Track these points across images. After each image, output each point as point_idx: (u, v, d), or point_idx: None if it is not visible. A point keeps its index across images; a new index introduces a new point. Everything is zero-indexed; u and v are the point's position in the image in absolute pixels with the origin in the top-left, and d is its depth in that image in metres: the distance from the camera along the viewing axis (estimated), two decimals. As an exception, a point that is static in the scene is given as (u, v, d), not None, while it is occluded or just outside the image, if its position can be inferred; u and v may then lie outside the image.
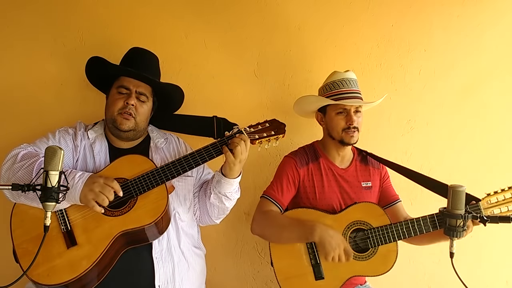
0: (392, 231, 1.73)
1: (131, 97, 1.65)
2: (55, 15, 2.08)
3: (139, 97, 1.68)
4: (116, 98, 1.67)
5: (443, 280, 2.22)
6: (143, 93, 1.69)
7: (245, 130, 1.64)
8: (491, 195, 1.65)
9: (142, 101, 1.69)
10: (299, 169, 1.86)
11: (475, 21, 2.23)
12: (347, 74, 1.87)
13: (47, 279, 1.41)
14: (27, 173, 1.43)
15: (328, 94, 1.86)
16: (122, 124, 1.64)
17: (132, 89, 1.67)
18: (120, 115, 1.65)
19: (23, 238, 1.47)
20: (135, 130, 1.68)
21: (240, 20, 2.17)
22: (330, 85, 1.87)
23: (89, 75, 1.80)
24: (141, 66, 1.70)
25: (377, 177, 1.95)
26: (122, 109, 1.65)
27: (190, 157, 1.60)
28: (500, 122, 2.26)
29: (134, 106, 1.65)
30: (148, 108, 1.73)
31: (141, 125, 1.70)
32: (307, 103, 1.93)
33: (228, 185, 1.66)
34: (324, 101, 1.86)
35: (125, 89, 1.67)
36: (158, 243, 1.61)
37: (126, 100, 1.65)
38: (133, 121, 1.66)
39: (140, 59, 1.75)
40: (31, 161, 1.46)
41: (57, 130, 1.69)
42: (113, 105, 1.66)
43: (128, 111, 1.64)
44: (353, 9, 2.21)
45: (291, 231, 1.72)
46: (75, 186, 1.44)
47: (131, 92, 1.67)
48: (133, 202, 1.54)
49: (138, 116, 1.67)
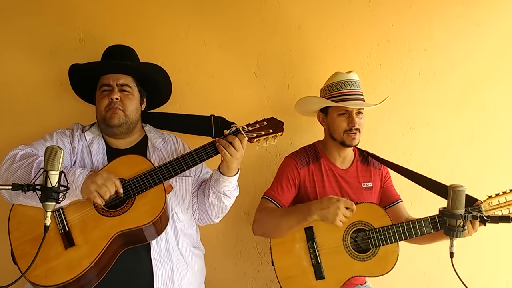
0: (393, 232, 1.73)
1: (113, 92, 1.64)
2: (55, 15, 2.08)
3: (122, 89, 1.67)
4: (100, 98, 1.67)
5: (443, 280, 2.21)
6: (125, 84, 1.68)
7: (243, 128, 1.63)
8: (492, 197, 1.64)
9: (127, 91, 1.68)
10: (300, 169, 1.86)
11: (475, 21, 2.23)
12: (349, 75, 1.86)
13: (45, 280, 1.41)
14: (26, 172, 1.43)
15: (330, 95, 1.86)
16: (111, 119, 1.64)
17: (113, 83, 1.66)
18: (108, 112, 1.64)
19: (21, 239, 1.47)
20: (127, 123, 1.67)
21: (240, 20, 2.17)
22: (332, 86, 1.86)
23: (77, 91, 1.83)
24: (114, 58, 1.70)
25: (378, 177, 1.95)
26: (108, 106, 1.64)
27: (188, 157, 1.59)
28: (500, 122, 2.26)
29: (119, 99, 1.64)
30: (135, 98, 1.71)
31: (132, 117, 1.68)
32: (309, 103, 1.93)
33: (226, 183, 1.66)
34: (326, 102, 1.86)
35: (106, 86, 1.66)
36: (156, 243, 1.61)
37: (109, 96, 1.64)
38: (122, 114, 1.65)
39: (112, 53, 1.74)
40: (29, 160, 1.46)
41: (55, 132, 1.69)
42: (99, 105, 1.66)
43: (114, 105, 1.64)
44: (353, 9, 2.21)
45: (289, 219, 1.72)
46: (76, 180, 1.44)
47: (112, 87, 1.66)
48: (131, 202, 1.54)
49: (126, 108, 1.66)
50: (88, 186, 1.43)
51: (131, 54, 1.79)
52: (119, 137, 1.70)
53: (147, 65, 1.78)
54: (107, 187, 1.45)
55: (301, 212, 1.70)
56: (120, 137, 1.70)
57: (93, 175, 1.46)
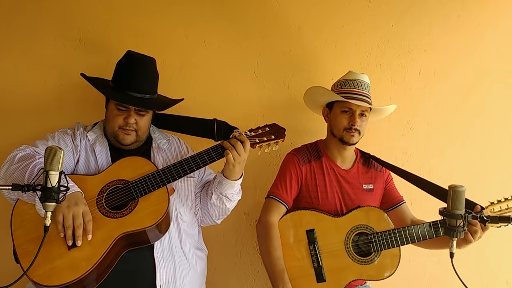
0: (395, 236, 1.74)
1: (130, 116, 1.63)
2: (55, 15, 2.07)
3: (138, 112, 1.65)
4: (115, 114, 1.64)
5: (443, 280, 2.22)
6: (143, 109, 1.66)
7: (245, 134, 1.67)
8: (494, 203, 1.65)
9: (142, 115, 1.67)
10: (302, 166, 1.86)
11: (475, 21, 2.23)
12: (361, 76, 1.87)
13: (47, 280, 1.40)
14: (21, 175, 1.44)
15: (338, 91, 1.87)
16: (124, 139, 1.65)
17: (131, 107, 1.64)
18: (122, 131, 1.64)
19: (24, 238, 1.47)
20: (138, 140, 1.69)
21: (240, 20, 2.17)
22: (342, 83, 1.88)
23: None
24: (137, 83, 1.63)
25: (380, 180, 1.95)
26: (123, 126, 1.64)
27: (191, 160, 1.60)
28: (500, 121, 2.26)
29: (135, 122, 1.64)
30: (149, 117, 1.72)
31: (144, 136, 1.71)
32: (317, 94, 1.92)
33: (229, 186, 1.66)
34: (333, 96, 1.86)
35: (123, 107, 1.64)
36: (159, 243, 1.61)
37: (125, 118, 1.63)
38: (135, 134, 1.66)
39: (136, 74, 1.65)
40: (26, 163, 1.47)
41: (56, 132, 1.69)
42: (113, 121, 1.65)
43: (129, 128, 1.64)
44: (353, 9, 2.21)
45: (269, 270, 1.71)
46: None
47: (130, 110, 1.64)
48: (134, 204, 1.54)
49: (140, 130, 1.66)
50: (59, 207, 1.37)
51: (151, 71, 1.70)
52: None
53: (168, 101, 1.76)
54: (73, 224, 1.39)
55: (274, 279, 1.68)
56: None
57: (73, 199, 1.41)
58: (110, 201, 1.54)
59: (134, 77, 1.65)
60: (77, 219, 1.40)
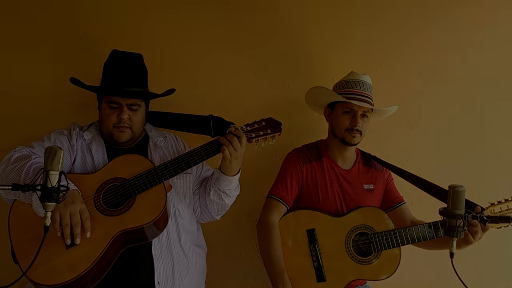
0: (395, 237, 1.74)
1: (123, 112, 1.62)
2: (55, 15, 2.07)
3: (131, 107, 1.65)
4: (108, 112, 1.64)
5: (443, 280, 2.21)
6: (135, 103, 1.66)
7: (241, 128, 1.67)
8: (495, 204, 1.65)
9: (135, 110, 1.66)
10: (302, 166, 1.86)
11: (475, 21, 2.23)
12: (363, 76, 1.87)
13: (46, 280, 1.40)
14: (16, 176, 1.44)
15: (340, 91, 1.86)
16: (119, 137, 1.64)
17: (122, 102, 1.63)
18: (116, 129, 1.64)
19: (22, 238, 1.47)
20: (133, 137, 1.69)
21: (240, 20, 2.17)
22: (344, 83, 1.87)
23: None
24: (126, 77, 1.63)
25: (381, 180, 1.95)
26: (117, 124, 1.63)
27: (188, 156, 1.60)
28: (500, 121, 2.26)
29: (128, 117, 1.64)
30: (142, 112, 1.70)
31: (139, 131, 1.70)
32: (319, 94, 1.92)
33: (227, 182, 1.66)
34: (334, 96, 1.86)
35: (114, 104, 1.63)
36: (158, 240, 1.61)
37: (118, 114, 1.62)
38: (129, 131, 1.65)
39: (123, 68, 1.65)
40: (21, 163, 1.47)
41: (52, 133, 1.69)
42: (106, 120, 1.64)
43: (123, 124, 1.63)
44: (353, 9, 2.21)
45: (269, 270, 1.72)
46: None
47: (122, 106, 1.63)
48: (131, 201, 1.54)
49: (134, 125, 1.66)
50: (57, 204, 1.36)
51: (138, 65, 1.71)
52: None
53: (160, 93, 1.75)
54: (71, 222, 1.39)
55: (274, 279, 1.69)
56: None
57: (70, 198, 1.41)
58: (107, 199, 1.54)
59: (121, 73, 1.64)
60: (75, 217, 1.40)
